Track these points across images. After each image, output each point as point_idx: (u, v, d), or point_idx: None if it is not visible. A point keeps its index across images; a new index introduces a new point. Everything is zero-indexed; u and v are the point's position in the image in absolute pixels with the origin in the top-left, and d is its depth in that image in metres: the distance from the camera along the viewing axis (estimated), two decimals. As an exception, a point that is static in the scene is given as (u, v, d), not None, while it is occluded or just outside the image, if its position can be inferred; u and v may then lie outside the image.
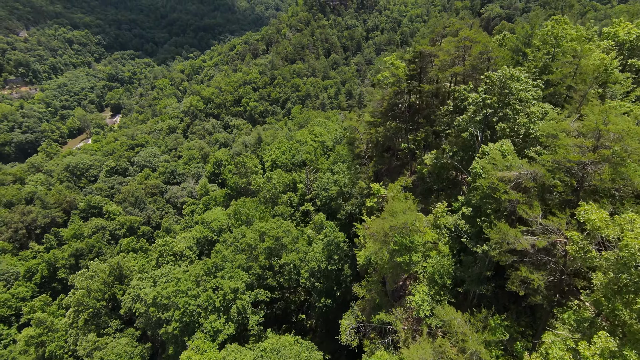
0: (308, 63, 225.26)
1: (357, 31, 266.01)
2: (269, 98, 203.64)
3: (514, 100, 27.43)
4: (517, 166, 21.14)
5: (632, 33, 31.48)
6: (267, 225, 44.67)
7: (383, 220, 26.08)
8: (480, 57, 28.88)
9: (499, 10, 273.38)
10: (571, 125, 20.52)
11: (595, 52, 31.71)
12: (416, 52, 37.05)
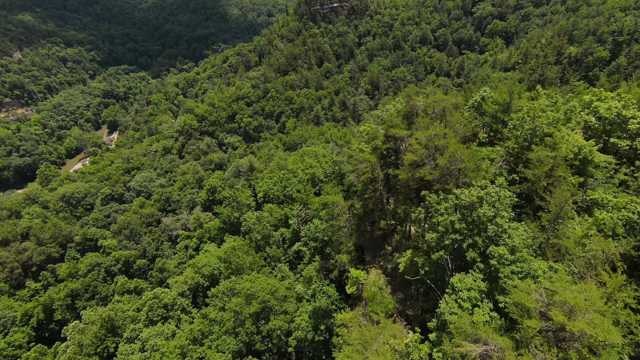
0: (301, 74, 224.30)
1: (348, 38, 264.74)
2: (262, 112, 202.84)
3: (483, 230, 24.75)
4: (483, 341, 18.58)
5: (613, 109, 29.93)
6: (254, 287, 43.64)
7: (354, 348, 24.54)
8: (450, 166, 26.98)
9: (490, 9, 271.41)
10: (537, 299, 18.32)
11: (573, 136, 29.91)
12: (389, 137, 35.58)
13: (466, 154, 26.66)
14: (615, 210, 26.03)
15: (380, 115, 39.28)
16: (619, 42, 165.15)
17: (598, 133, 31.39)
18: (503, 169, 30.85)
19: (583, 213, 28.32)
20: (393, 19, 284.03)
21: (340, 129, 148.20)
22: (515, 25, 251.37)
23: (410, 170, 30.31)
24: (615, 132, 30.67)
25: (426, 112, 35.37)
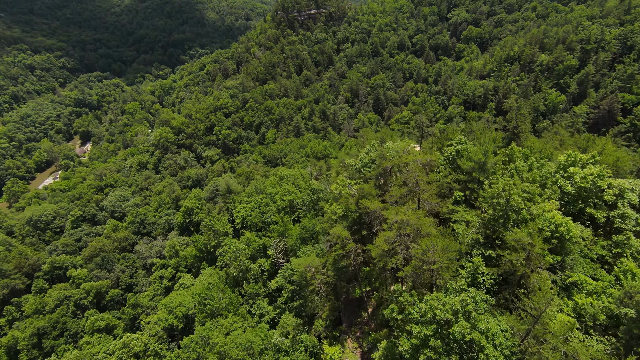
0: (280, 83, 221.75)
1: (327, 45, 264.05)
2: (242, 123, 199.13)
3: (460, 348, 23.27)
4: None
5: (588, 178, 29.16)
6: (228, 343, 41.41)
7: None
8: (423, 265, 25.46)
9: (465, 15, 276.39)
10: None
11: (549, 207, 28.82)
12: (362, 212, 33.90)
13: (440, 247, 25.27)
14: (595, 295, 25.47)
15: (353, 165, 37.97)
16: (587, 50, 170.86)
17: (573, 199, 30.70)
18: (479, 236, 29.84)
19: (563, 293, 27.70)
20: (371, 25, 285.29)
21: (320, 142, 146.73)
22: (489, 31, 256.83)
23: (382, 257, 28.86)
24: (591, 199, 30.20)
25: (400, 173, 33.60)
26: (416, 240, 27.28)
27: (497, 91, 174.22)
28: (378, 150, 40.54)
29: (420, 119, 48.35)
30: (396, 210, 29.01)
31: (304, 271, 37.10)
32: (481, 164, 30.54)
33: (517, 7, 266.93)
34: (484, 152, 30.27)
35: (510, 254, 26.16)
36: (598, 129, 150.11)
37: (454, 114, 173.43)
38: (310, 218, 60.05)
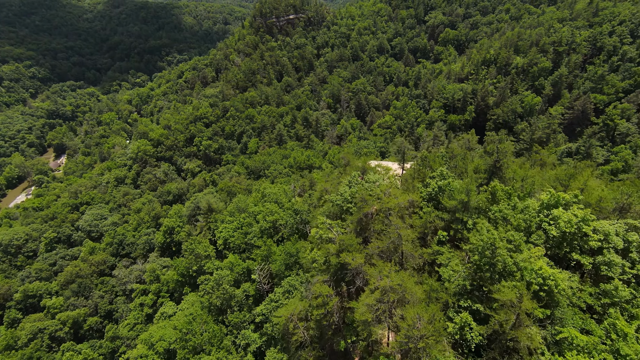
0: (260, 90, 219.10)
1: (307, 50, 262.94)
2: (223, 132, 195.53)
3: None
4: None
5: (573, 223, 28.55)
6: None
7: None
8: (408, 342, 24.09)
9: (442, 18, 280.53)
10: None
11: (535, 258, 28.15)
12: (338, 265, 32.50)
13: (427, 318, 24.12)
14: (586, 354, 24.97)
15: (334, 201, 36.75)
16: (559, 52, 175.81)
17: (558, 243, 30.13)
18: (467, 282, 29.04)
19: (553, 348, 27.14)
20: (350, 29, 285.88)
21: (303, 152, 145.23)
22: (465, 33, 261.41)
23: (365, 326, 27.53)
24: (576, 241, 29.70)
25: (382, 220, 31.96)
26: (401, 305, 26.20)
27: (475, 94, 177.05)
28: (359, 183, 39.34)
29: (402, 143, 47.23)
30: (379, 269, 27.81)
31: (286, 322, 35.54)
32: (464, 203, 29.89)
33: (491, 10, 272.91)
34: (467, 191, 29.59)
35: (499, 314, 25.47)
36: (573, 129, 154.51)
37: (434, 118, 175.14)
38: (293, 242, 58.56)
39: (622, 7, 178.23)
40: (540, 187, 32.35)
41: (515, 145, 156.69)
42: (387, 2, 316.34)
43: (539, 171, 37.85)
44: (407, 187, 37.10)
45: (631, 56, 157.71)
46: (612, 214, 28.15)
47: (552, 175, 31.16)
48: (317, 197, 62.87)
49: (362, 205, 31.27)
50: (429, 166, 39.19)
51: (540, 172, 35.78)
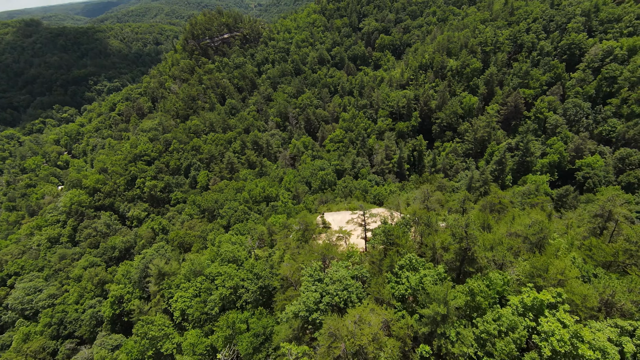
0: (203, 117, 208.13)
1: (247, 68, 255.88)
2: (168, 168, 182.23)
3: None
4: None
5: (566, 340, 25.93)
6: None
7: None
8: None
9: (375, 24, 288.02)
10: None
11: None
12: None
13: None
14: None
15: (297, 312, 32.11)
16: (486, 52, 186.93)
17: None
18: None
19: None
20: (288, 43, 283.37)
21: (257, 182, 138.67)
22: (399, 38, 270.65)
23: None
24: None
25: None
26: None
27: (418, 99, 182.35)
28: (324, 282, 34.89)
29: (361, 209, 42.82)
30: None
31: None
32: (442, 316, 27.13)
33: (419, 13, 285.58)
34: (444, 301, 26.77)
35: None
36: (509, 123, 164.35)
37: (383, 128, 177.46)
38: (259, 316, 53.10)
39: (533, 6, 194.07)
40: (518, 275, 30.32)
41: (460, 145, 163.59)
42: (321, 12, 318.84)
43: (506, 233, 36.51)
44: (376, 280, 33.85)
45: (548, 50, 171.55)
46: (598, 313, 27.14)
47: (527, 260, 29.53)
48: (277, 260, 58.09)
49: (331, 343, 27.00)
50: (394, 242, 36.48)
51: (511, 240, 33.93)
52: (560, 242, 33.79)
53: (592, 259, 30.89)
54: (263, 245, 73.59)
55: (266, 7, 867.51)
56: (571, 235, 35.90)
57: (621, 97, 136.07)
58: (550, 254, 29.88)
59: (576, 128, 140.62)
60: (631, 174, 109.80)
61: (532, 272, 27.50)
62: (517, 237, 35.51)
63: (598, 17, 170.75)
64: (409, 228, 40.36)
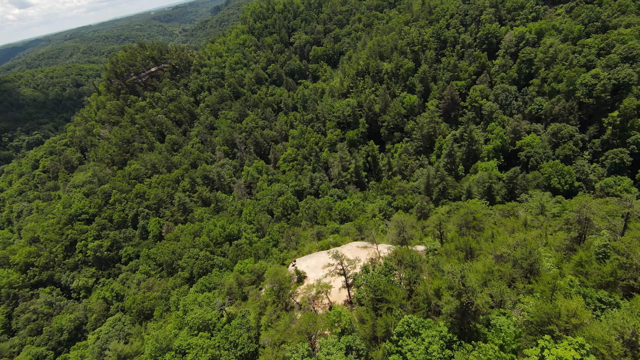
0: (143, 159, 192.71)
1: (183, 99, 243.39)
2: (112, 223, 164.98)
3: None
4: None
5: None
6: None
7: None
8: None
9: (306, 37, 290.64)
10: None
11: None
12: None
13: None
14: None
15: None
16: (415, 51, 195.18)
17: None
18: None
19: None
20: (221, 67, 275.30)
21: (216, 222, 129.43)
22: (331, 47, 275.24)
23: None
24: None
25: None
26: None
27: (362, 106, 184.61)
28: None
29: (337, 259, 37.61)
30: None
31: None
32: None
33: (346, 21, 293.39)
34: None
35: None
36: (449, 115, 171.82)
37: (334, 139, 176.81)
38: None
39: (448, 3, 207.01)
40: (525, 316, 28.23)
41: (410, 144, 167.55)
42: (250, 32, 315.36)
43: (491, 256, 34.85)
44: (375, 354, 29.99)
45: (469, 42, 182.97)
46: (624, 357, 25.50)
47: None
48: (254, 323, 51.86)
49: None
50: (383, 299, 32.89)
51: (501, 266, 31.90)
52: (552, 268, 32.56)
53: (588, 278, 30.27)
54: (234, 301, 66.57)
55: (192, 31, 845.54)
56: (559, 255, 34.91)
57: (540, 76, 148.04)
58: (547, 282, 28.45)
59: (509, 111, 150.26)
60: (565, 146, 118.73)
61: (542, 318, 25.50)
62: (505, 262, 34.00)
63: (505, 7, 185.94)
64: (394, 273, 37.33)
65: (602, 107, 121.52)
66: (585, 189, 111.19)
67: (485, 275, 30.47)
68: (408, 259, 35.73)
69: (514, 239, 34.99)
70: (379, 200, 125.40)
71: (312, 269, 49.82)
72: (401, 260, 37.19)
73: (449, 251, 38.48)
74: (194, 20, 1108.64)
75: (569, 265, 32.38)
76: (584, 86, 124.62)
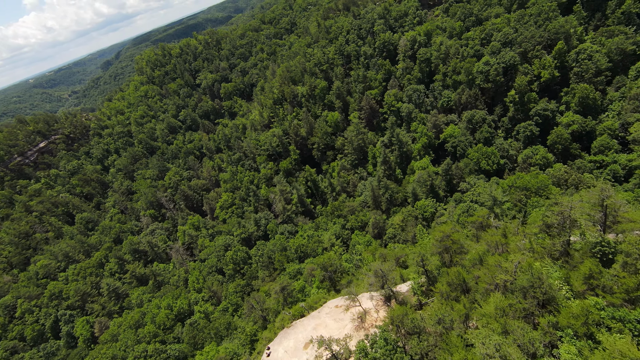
0: (51, 251, 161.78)
1: (87, 170, 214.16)
2: (25, 342, 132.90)
3: None
4: None
5: None
6: None
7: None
8: None
9: (212, 76, 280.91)
10: None
11: None
12: None
13: None
14: None
15: None
16: (325, 70, 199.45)
17: None
18: None
19: None
20: (125, 125, 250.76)
21: (160, 305, 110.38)
22: (240, 81, 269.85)
23: None
24: None
25: None
26: None
27: (288, 133, 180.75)
28: None
29: (316, 344, 30.19)
30: None
31: None
32: None
33: (249, 54, 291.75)
34: None
35: None
36: (372, 123, 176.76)
37: (269, 174, 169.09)
38: None
39: (341, 21, 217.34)
40: None
41: (345, 159, 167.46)
42: (150, 82, 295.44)
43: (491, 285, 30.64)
44: None
45: (370, 53, 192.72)
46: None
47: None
48: None
49: None
50: None
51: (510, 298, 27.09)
52: (563, 287, 29.42)
53: (607, 293, 27.87)
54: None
55: (84, 92, 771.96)
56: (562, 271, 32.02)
57: (441, 72, 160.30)
58: (575, 315, 24.92)
59: (424, 108, 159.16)
60: (482, 129, 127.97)
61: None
62: (510, 292, 30.11)
63: (392, 16, 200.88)
64: (399, 350, 31.00)
65: (500, 88, 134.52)
66: (510, 164, 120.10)
67: (496, 318, 25.88)
68: (409, 324, 29.73)
69: (507, 260, 31.51)
70: (331, 226, 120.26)
71: (292, 354, 40.86)
72: (400, 325, 31.01)
73: (442, 292, 33.61)
74: (83, 80, 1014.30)
75: (578, 277, 29.84)
76: (480, 73, 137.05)
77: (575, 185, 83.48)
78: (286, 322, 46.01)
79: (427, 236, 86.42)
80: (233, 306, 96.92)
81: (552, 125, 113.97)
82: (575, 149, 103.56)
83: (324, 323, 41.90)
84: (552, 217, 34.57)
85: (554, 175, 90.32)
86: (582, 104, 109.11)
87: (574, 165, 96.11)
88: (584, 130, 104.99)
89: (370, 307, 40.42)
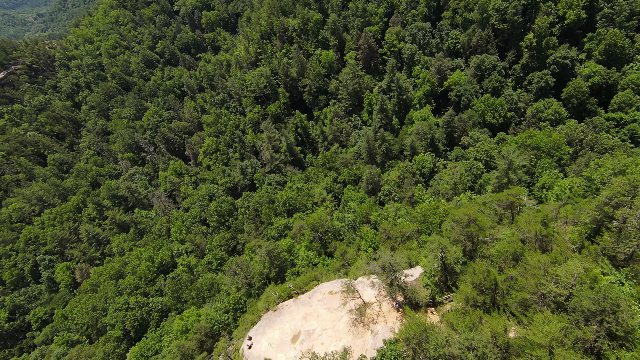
0: (23, 194, 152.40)
1: (56, 106, 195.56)
2: (4, 285, 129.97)
3: None
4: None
5: None
6: None
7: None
8: None
9: (191, 1, 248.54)
10: None
11: None
12: None
13: None
14: None
15: None
16: (320, 0, 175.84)
17: None
18: None
19: None
20: (95, 56, 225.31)
21: (141, 254, 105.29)
22: (225, 9, 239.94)
23: None
24: None
25: None
26: None
27: (277, 73, 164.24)
28: None
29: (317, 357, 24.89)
30: None
31: None
32: None
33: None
34: None
35: None
36: (369, 65, 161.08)
37: (255, 118, 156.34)
38: None
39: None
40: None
41: (339, 105, 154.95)
42: (121, 5, 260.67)
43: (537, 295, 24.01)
44: None
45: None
46: None
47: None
48: None
49: None
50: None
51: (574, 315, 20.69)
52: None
53: None
54: None
55: (50, 15, 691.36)
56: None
57: (451, 8, 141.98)
58: None
59: (428, 50, 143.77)
60: (492, 77, 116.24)
61: None
62: (564, 311, 23.59)
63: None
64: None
65: (516, 30, 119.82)
66: (517, 118, 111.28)
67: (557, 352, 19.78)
68: (431, 350, 23.11)
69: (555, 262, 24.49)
70: (322, 178, 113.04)
71: (277, 348, 35.27)
72: (417, 349, 24.66)
73: (467, 295, 27.25)
74: (50, 1, 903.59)
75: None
76: (496, 11, 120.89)
77: (591, 147, 76.39)
78: (271, 304, 40.57)
79: (426, 196, 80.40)
80: (217, 260, 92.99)
81: (570, 76, 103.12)
82: (592, 104, 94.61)
83: (315, 312, 36.17)
84: (616, 197, 26.99)
85: (567, 134, 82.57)
86: (606, 53, 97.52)
87: (591, 124, 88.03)
88: (605, 83, 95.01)
89: (372, 297, 34.45)
